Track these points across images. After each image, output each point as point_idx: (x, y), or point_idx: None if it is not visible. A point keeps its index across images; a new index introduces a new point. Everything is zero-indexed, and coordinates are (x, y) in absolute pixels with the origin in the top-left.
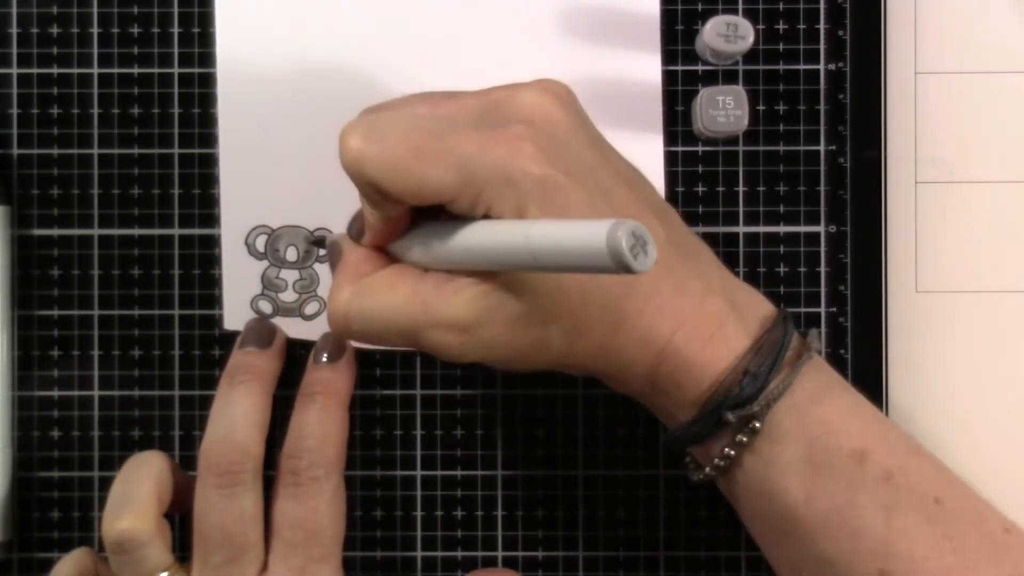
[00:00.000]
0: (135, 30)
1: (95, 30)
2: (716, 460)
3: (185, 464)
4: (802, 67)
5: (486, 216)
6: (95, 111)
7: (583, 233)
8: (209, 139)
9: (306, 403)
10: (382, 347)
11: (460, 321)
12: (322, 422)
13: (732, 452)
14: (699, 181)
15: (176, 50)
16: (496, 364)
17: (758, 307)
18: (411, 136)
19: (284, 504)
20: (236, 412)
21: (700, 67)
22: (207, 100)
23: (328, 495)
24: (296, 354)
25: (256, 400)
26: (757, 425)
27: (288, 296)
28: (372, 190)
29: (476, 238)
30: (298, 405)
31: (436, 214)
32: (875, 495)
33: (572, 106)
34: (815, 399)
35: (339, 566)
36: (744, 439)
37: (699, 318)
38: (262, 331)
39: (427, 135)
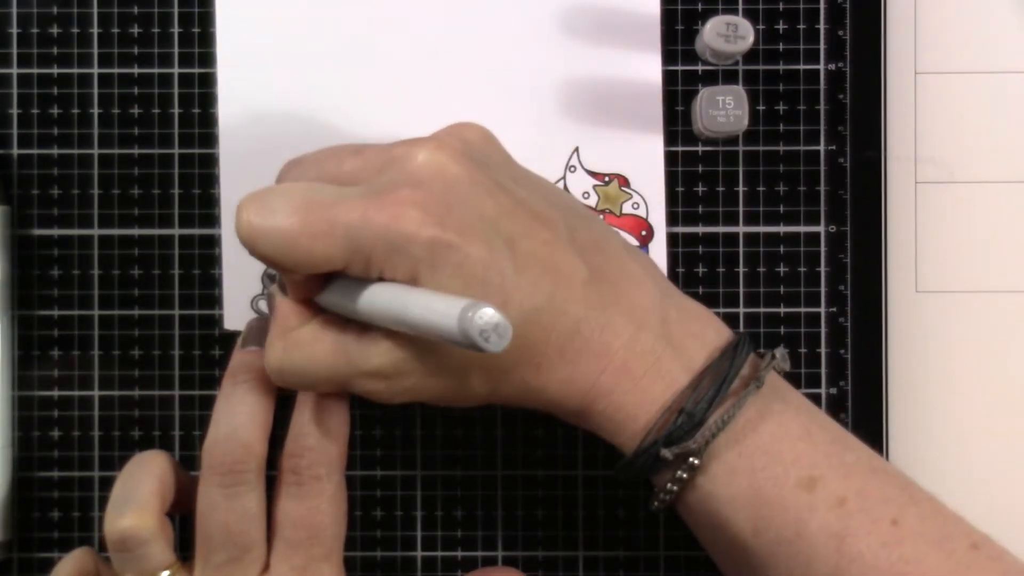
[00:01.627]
0: (135, 30)
1: (95, 30)
2: (661, 495)
3: (185, 464)
4: (802, 67)
5: (381, 279)
6: (95, 111)
7: (442, 312)
8: (209, 139)
9: (307, 401)
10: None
11: (380, 371)
12: (323, 420)
13: (675, 488)
14: (699, 181)
15: (176, 50)
16: (432, 403)
17: (707, 336)
18: (299, 211)
19: (286, 503)
20: (239, 411)
21: (700, 67)
22: (207, 100)
23: (330, 494)
24: None
25: (259, 399)
26: (695, 462)
27: None
28: (268, 262)
29: (371, 302)
30: (299, 403)
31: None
32: (826, 523)
33: (472, 155)
34: (761, 428)
35: (341, 565)
36: (684, 475)
37: (627, 357)
38: (264, 331)
39: (314, 208)
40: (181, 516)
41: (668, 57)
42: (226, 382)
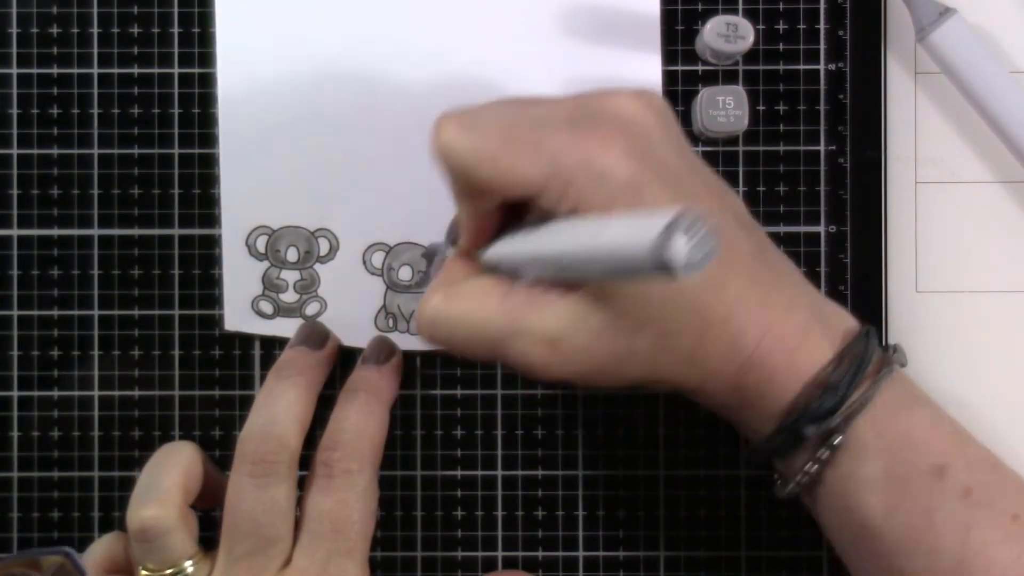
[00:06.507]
0: (135, 30)
1: (95, 30)
2: (798, 476)
3: None
4: (802, 67)
5: (572, 212)
6: (95, 111)
7: (642, 225)
8: (209, 139)
9: (348, 399)
10: (464, 357)
11: (548, 332)
12: (362, 417)
13: (814, 468)
14: None
15: (176, 50)
16: (581, 379)
17: (842, 321)
18: (504, 127)
19: (314, 495)
20: (278, 404)
21: (700, 67)
22: (207, 100)
23: (359, 490)
24: None
25: (300, 395)
26: (838, 439)
27: (289, 297)
28: (462, 177)
29: (554, 242)
30: (340, 400)
31: (522, 223)
32: (953, 512)
33: (664, 115)
34: (895, 412)
35: (365, 563)
36: (825, 454)
37: (784, 329)
38: (314, 333)
39: (520, 127)
40: (211, 510)
41: (668, 57)
42: (270, 376)
